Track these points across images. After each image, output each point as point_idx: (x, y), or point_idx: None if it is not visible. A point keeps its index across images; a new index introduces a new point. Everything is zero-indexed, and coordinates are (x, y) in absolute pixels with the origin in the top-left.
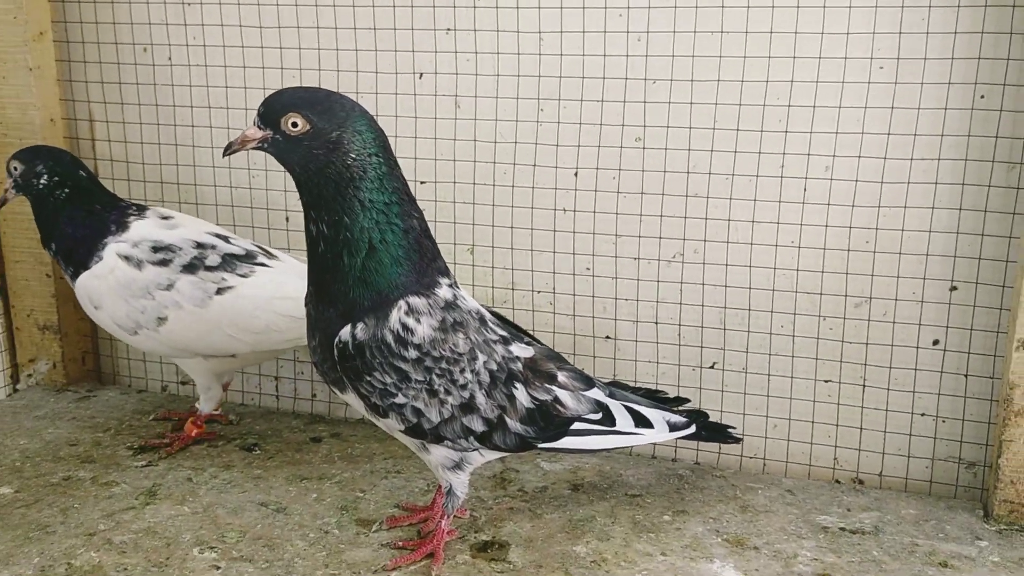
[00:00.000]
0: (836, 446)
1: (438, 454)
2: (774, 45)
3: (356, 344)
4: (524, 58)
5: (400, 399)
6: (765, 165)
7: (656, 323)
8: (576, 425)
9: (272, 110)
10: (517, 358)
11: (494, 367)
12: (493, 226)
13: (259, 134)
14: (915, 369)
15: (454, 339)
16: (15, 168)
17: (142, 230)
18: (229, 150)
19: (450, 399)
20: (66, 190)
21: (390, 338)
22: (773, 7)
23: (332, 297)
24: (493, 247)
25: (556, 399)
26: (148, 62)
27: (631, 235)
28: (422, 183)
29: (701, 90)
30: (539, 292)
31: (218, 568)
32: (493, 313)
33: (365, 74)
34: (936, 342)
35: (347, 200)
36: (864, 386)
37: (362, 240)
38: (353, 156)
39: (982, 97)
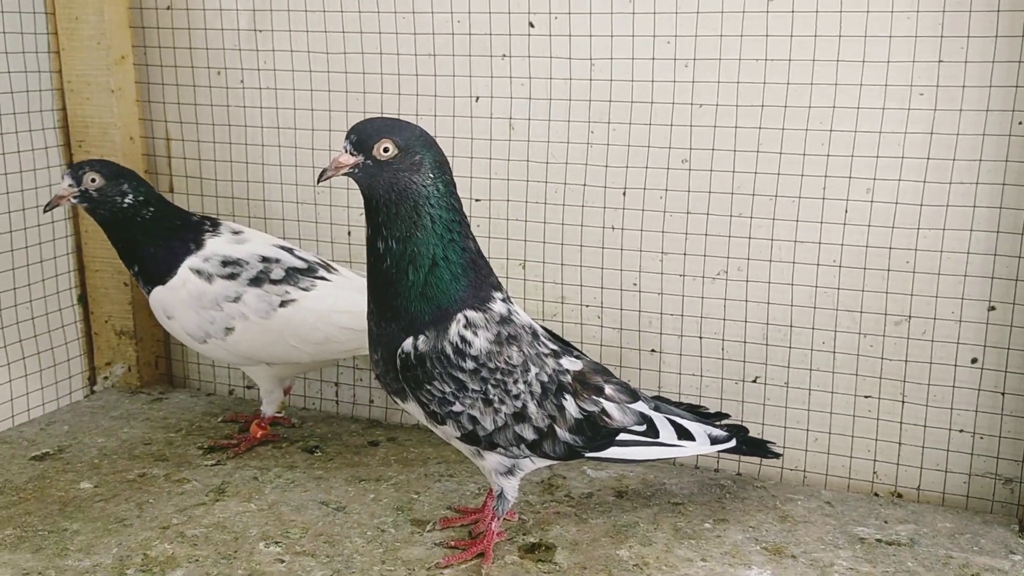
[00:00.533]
0: (875, 460)
1: (492, 460)
2: (817, 72)
3: (418, 355)
4: (575, 83)
5: (457, 407)
6: (807, 187)
7: (700, 338)
8: (622, 436)
9: (366, 135)
10: (567, 371)
11: (545, 379)
12: (544, 242)
13: (352, 160)
14: (953, 387)
15: (508, 352)
16: (92, 180)
17: (215, 246)
18: (323, 177)
19: (504, 408)
20: (151, 209)
21: (449, 350)
22: (816, 36)
23: (394, 312)
24: (544, 262)
25: (603, 411)
26: (222, 85)
27: (677, 253)
28: (477, 200)
29: (745, 115)
30: (587, 306)
31: (282, 561)
32: (543, 328)
33: (425, 97)
34: (974, 360)
35: (421, 217)
36: (903, 402)
37: (427, 256)
38: (431, 176)
39: (1020, 124)
